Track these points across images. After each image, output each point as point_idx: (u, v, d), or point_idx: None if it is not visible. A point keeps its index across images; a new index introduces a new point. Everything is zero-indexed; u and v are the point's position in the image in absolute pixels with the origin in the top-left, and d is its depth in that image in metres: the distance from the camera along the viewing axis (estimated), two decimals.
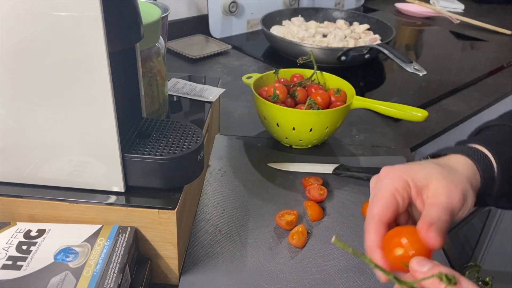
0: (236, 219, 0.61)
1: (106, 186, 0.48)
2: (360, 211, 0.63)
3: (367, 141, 0.81)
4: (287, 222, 0.59)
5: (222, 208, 0.62)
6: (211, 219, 0.60)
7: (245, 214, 0.61)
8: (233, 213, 0.61)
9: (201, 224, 0.59)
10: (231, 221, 0.60)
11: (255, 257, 0.55)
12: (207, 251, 0.55)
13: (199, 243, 0.56)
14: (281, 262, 0.54)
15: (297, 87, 0.78)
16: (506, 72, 1.19)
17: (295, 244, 0.57)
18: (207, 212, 0.61)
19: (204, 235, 0.57)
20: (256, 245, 0.56)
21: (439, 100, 1.00)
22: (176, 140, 0.49)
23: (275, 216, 0.60)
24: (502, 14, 1.75)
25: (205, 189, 0.66)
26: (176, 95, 0.68)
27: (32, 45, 0.40)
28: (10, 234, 0.45)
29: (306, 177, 0.68)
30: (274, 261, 0.54)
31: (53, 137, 0.45)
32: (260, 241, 0.57)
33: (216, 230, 0.59)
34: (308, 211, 0.62)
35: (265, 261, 0.54)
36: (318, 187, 0.66)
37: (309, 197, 0.65)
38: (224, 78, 1.04)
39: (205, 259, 0.54)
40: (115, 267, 0.42)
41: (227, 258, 0.54)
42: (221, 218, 0.60)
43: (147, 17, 0.54)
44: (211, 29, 1.26)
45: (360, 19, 1.34)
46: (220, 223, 0.60)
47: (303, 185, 0.68)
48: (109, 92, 0.42)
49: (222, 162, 0.72)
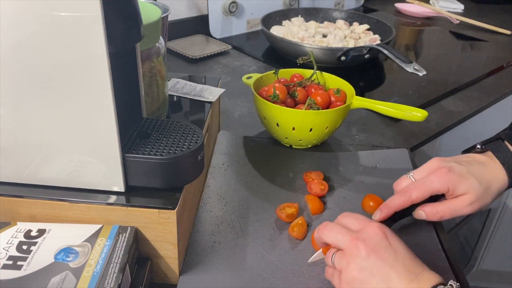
0: (238, 211, 0.62)
1: (106, 186, 0.48)
2: (361, 206, 0.64)
3: (367, 141, 0.81)
4: (288, 215, 0.60)
5: (225, 200, 0.64)
6: (214, 211, 0.61)
7: (247, 207, 0.63)
8: (235, 206, 0.63)
9: (204, 215, 0.61)
10: (233, 213, 0.61)
11: (255, 248, 0.56)
12: (209, 241, 0.56)
13: (202, 233, 0.57)
14: (281, 253, 0.55)
15: (297, 87, 0.78)
16: (506, 72, 1.19)
17: (295, 236, 0.58)
18: (210, 204, 0.63)
19: (206, 226, 0.59)
20: (257, 237, 0.58)
21: (439, 100, 1.00)
22: (176, 140, 0.49)
23: (276, 209, 0.61)
24: (502, 14, 1.75)
25: (208, 182, 0.67)
26: (176, 95, 0.68)
27: (32, 45, 0.40)
28: (10, 234, 0.45)
29: (307, 172, 0.69)
30: (274, 252, 0.55)
31: (54, 137, 0.45)
32: (261, 233, 0.58)
33: (218, 221, 0.60)
34: (309, 205, 0.63)
35: (265, 251, 0.55)
36: (319, 182, 0.66)
37: (310, 191, 0.66)
38: (224, 78, 1.04)
39: (207, 248, 0.55)
40: (115, 267, 0.42)
41: (228, 248, 0.56)
42: (224, 210, 0.62)
43: (147, 17, 0.54)
44: (211, 29, 1.26)
45: (360, 19, 1.34)
46: (223, 215, 0.61)
47: (305, 180, 0.69)
48: (109, 92, 0.42)
49: (225, 157, 0.73)
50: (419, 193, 0.54)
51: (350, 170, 0.72)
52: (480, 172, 0.55)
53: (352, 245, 0.46)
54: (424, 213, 0.55)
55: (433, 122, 0.90)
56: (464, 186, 0.54)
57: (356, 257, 0.45)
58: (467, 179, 0.54)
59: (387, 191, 0.62)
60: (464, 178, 0.54)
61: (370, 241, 0.45)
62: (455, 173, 0.54)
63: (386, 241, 0.45)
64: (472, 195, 0.54)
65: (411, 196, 0.54)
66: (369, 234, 0.46)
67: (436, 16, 1.65)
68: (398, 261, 0.44)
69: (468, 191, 0.54)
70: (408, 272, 0.43)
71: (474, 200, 0.54)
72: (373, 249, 0.45)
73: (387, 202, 0.55)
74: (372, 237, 0.46)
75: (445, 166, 0.55)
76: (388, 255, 0.44)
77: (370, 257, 0.44)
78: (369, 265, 0.44)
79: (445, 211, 0.54)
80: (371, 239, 0.46)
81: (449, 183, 0.54)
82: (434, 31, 1.54)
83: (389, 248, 0.45)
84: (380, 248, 0.45)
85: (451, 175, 0.54)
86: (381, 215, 0.54)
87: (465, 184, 0.54)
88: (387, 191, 0.62)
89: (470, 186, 0.54)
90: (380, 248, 0.45)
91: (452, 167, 0.55)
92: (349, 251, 0.46)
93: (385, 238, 0.46)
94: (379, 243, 0.45)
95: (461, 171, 0.54)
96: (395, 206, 0.55)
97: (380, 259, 0.44)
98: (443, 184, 0.54)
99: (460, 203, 0.54)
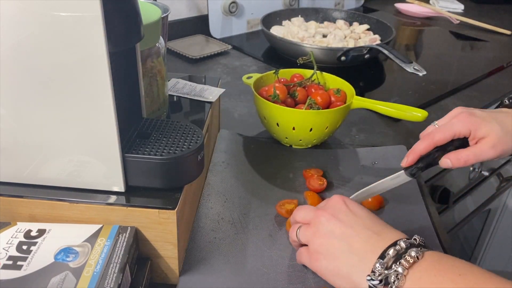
0: (238, 207, 0.62)
1: (106, 186, 0.48)
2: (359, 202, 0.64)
3: (367, 141, 0.81)
4: (287, 211, 0.61)
5: (225, 197, 0.64)
6: (214, 207, 0.62)
7: (247, 203, 0.63)
8: (235, 202, 0.63)
9: (204, 211, 0.61)
10: (233, 210, 0.62)
11: (255, 243, 0.56)
12: (210, 237, 0.57)
13: (203, 229, 0.58)
14: (280, 248, 0.56)
15: (297, 87, 0.78)
16: (506, 72, 1.19)
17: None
18: (211, 201, 0.63)
19: (207, 222, 0.59)
20: (256, 232, 0.58)
21: (439, 100, 1.00)
22: (176, 140, 0.49)
23: (276, 205, 0.62)
24: (502, 14, 1.75)
25: (208, 179, 0.67)
26: (176, 95, 0.68)
27: (32, 45, 0.40)
28: (10, 234, 0.45)
29: (306, 169, 0.70)
30: (274, 247, 0.56)
31: (53, 137, 0.45)
32: (261, 228, 0.59)
33: (218, 217, 0.60)
34: (308, 201, 0.64)
35: (265, 246, 0.56)
36: (318, 178, 0.67)
37: (309, 187, 0.66)
38: (224, 78, 1.04)
39: (208, 244, 0.56)
40: (115, 267, 0.42)
41: (229, 243, 0.56)
42: (224, 207, 0.62)
43: (147, 17, 0.54)
44: (211, 29, 1.26)
45: (360, 19, 1.34)
46: (223, 211, 0.61)
47: (304, 177, 0.69)
48: (109, 92, 0.42)
49: (225, 156, 0.73)
50: (441, 135, 0.55)
51: (349, 167, 0.72)
52: (503, 119, 0.56)
53: (315, 215, 0.50)
54: (449, 161, 0.55)
55: None
56: (485, 129, 0.54)
57: (319, 224, 0.49)
58: (489, 122, 0.55)
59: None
60: (486, 121, 0.55)
61: (330, 209, 0.50)
62: (476, 116, 0.55)
63: (345, 207, 0.50)
64: (494, 138, 0.54)
65: (434, 138, 0.55)
66: (330, 204, 0.51)
67: (436, 16, 1.65)
68: (357, 222, 0.48)
69: (490, 133, 0.54)
70: (368, 230, 0.47)
71: (496, 142, 0.54)
72: (333, 215, 0.49)
73: (413, 147, 0.56)
74: (332, 205, 0.51)
75: (467, 110, 0.56)
76: (347, 218, 0.49)
77: (330, 221, 0.49)
78: (331, 228, 0.48)
79: (469, 155, 0.55)
80: (332, 207, 0.50)
81: (470, 125, 0.54)
82: (434, 31, 1.54)
83: (348, 212, 0.49)
84: (340, 213, 0.49)
85: (472, 118, 0.55)
86: (407, 161, 0.56)
87: (486, 127, 0.54)
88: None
89: (491, 128, 0.54)
90: (340, 213, 0.49)
91: (474, 111, 0.56)
92: (313, 221, 0.50)
93: (345, 205, 0.50)
94: (339, 209, 0.50)
95: (482, 115, 0.56)
96: (419, 151, 0.56)
97: (340, 222, 0.48)
98: (464, 126, 0.54)
99: (482, 146, 0.54)
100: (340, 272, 0.46)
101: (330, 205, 0.51)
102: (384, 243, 0.45)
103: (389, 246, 0.44)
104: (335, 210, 0.50)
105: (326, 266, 0.48)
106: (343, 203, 0.50)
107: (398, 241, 0.44)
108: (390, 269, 0.42)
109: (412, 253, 0.42)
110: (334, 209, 0.50)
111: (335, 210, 0.50)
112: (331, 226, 0.48)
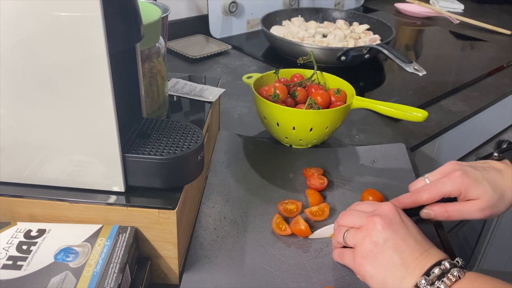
0: (240, 207, 0.63)
1: (106, 186, 0.48)
2: (360, 199, 0.65)
3: (367, 141, 0.81)
4: (288, 210, 0.61)
5: (226, 197, 0.64)
6: (216, 207, 0.62)
7: (248, 203, 0.64)
8: (236, 202, 0.64)
9: (206, 211, 0.61)
10: (235, 209, 0.62)
11: (257, 242, 0.57)
12: (212, 236, 0.57)
13: (205, 228, 0.58)
14: (283, 247, 0.56)
15: (297, 87, 0.78)
16: (506, 72, 1.19)
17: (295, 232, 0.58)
18: (212, 200, 0.63)
19: (209, 221, 0.59)
20: (258, 231, 0.59)
21: (439, 100, 1.00)
22: (176, 140, 0.49)
23: (278, 204, 0.62)
24: (502, 14, 1.75)
25: (209, 179, 0.67)
26: (176, 95, 0.68)
27: (32, 45, 0.40)
28: (10, 234, 0.45)
29: (307, 168, 0.70)
30: (276, 246, 0.56)
31: (53, 137, 0.45)
32: (263, 227, 0.59)
33: (220, 216, 0.60)
34: (309, 199, 0.64)
35: (267, 245, 0.56)
36: (319, 177, 0.68)
37: (310, 186, 0.67)
38: (224, 78, 1.04)
39: (211, 243, 0.56)
40: (115, 267, 0.42)
41: (230, 242, 0.56)
42: (225, 206, 0.62)
43: (147, 17, 0.54)
44: (211, 29, 1.26)
45: (360, 19, 1.34)
46: (224, 210, 0.62)
47: (304, 175, 0.70)
48: (109, 92, 0.42)
49: (226, 155, 0.73)
50: (430, 194, 0.55)
51: (349, 166, 0.73)
52: (495, 179, 0.54)
53: (369, 220, 0.49)
54: (432, 212, 0.55)
55: (433, 122, 0.90)
56: (477, 191, 0.53)
57: (373, 230, 0.48)
58: (481, 184, 0.53)
59: (385, 185, 0.66)
60: (478, 182, 0.53)
61: (385, 216, 0.49)
62: (469, 177, 0.53)
63: (399, 217, 0.49)
64: (484, 201, 0.53)
65: (422, 197, 0.55)
66: (384, 211, 0.50)
67: (436, 16, 1.65)
68: (410, 235, 0.47)
69: (481, 196, 0.53)
70: (419, 246, 0.47)
71: (485, 206, 0.53)
72: (388, 223, 0.48)
73: (399, 198, 0.56)
74: (387, 213, 0.49)
75: (460, 169, 0.54)
76: (401, 230, 0.48)
77: (385, 230, 0.48)
78: (384, 237, 0.47)
79: (453, 211, 0.54)
80: (386, 215, 0.49)
81: (462, 187, 0.53)
82: (434, 31, 1.54)
83: (401, 223, 0.48)
84: (394, 223, 0.48)
85: (464, 179, 0.53)
86: None
87: (478, 189, 0.53)
88: (385, 186, 0.66)
89: (483, 191, 0.53)
90: (394, 223, 0.48)
91: (467, 171, 0.54)
92: (366, 226, 0.49)
93: (398, 215, 0.49)
94: (393, 218, 0.49)
95: (475, 175, 0.54)
96: (403, 204, 0.55)
97: (394, 233, 0.47)
98: (455, 187, 0.53)
99: (471, 207, 0.53)
100: (386, 283, 0.46)
101: (384, 212, 0.50)
102: (431, 261, 0.45)
103: (435, 265, 0.45)
104: (389, 218, 0.49)
105: (371, 273, 0.47)
106: (397, 213, 0.49)
107: (443, 261, 0.45)
108: (433, 286, 0.43)
109: (454, 273, 0.44)
110: (388, 217, 0.49)
111: (389, 218, 0.49)
112: (385, 235, 0.47)
